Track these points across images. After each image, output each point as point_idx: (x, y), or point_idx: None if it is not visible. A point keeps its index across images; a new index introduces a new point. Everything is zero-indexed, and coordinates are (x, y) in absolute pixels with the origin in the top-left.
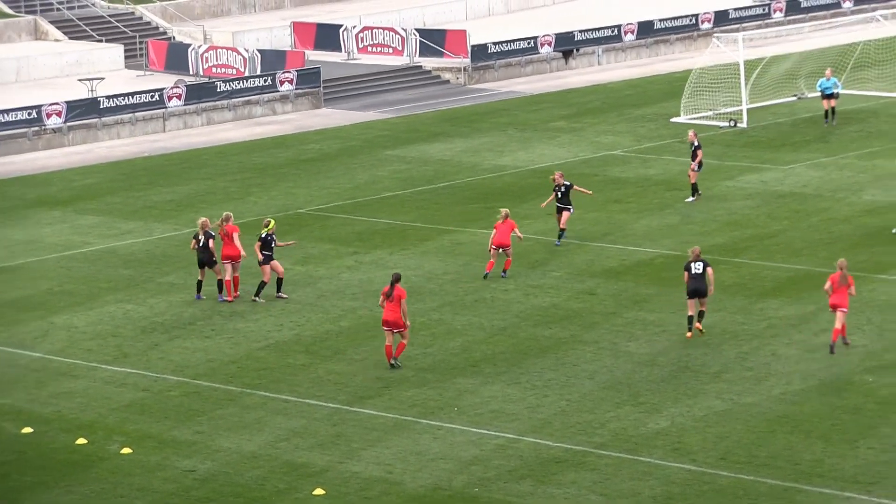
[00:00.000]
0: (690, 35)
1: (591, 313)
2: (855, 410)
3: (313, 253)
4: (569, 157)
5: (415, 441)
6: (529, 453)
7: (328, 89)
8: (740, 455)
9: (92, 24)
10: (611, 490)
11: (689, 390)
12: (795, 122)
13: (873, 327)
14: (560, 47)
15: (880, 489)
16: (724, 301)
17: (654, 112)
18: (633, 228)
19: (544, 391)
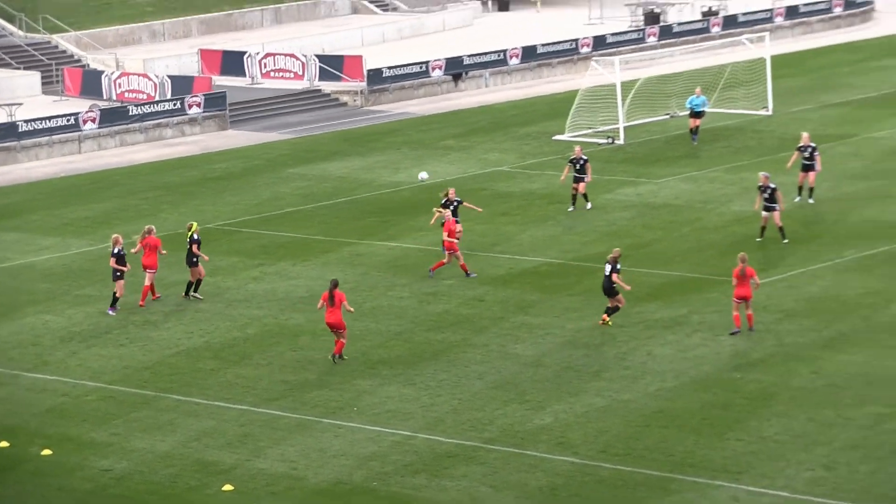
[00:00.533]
0: (571, 59)
1: (480, 318)
2: (724, 405)
3: (221, 265)
4: (459, 174)
5: (317, 439)
6: (424, 449)
7: (233, 112)
8: (619, 448)
9: (10, 52)
10: (499, 482)
11: (572, 388)
12: (668, 139)
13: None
14: (450, 71)
15: (747, 477)
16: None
17: (537, 130)
18: (519, 239)
19: (437, 391)
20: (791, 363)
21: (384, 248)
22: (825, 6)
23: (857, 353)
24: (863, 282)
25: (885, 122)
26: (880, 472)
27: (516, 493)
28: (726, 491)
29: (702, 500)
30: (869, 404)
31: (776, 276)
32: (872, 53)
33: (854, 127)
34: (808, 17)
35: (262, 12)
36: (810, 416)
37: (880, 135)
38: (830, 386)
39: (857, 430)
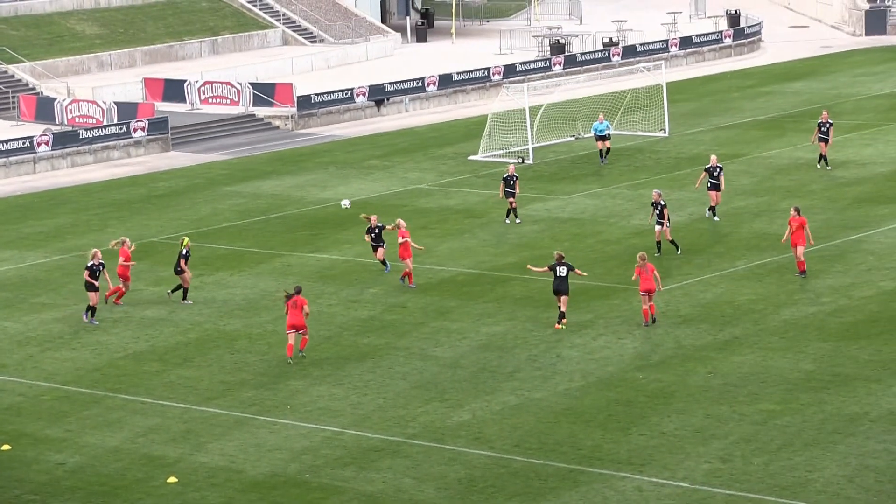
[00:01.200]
0: (484, 85)
1: (402, 324)
2: (627, 403)
3: (164, 276)
4: (382, 191)
5: (254, 435)
6: (352, 444)
7: (175, 135)
8: (532, 442)
9: None
10: (422, 474)
11: (488, 388)
12: (574, 159)
13: (642, 332)
14: (373, 97)
15: (650, 469)
16: (516, 311)
17: (454, 151)
18: (438, 251)
19: (364, 391)
20: (689, 364)
21: (313, 259)
22: (716, 37)
23: (749, 354)
24: (753, 289)
25: (772, 143)
26: (772, 464)
27: (437, 484)
28: (631, 482)
29: (608, 490)
30: (761, 401)
31: (674, 285)
32: (760, 80)
33: (744, 147)
34: (701, 47)
35: (201, 44)
36: (707, 412)
37: (768, 154)
38: (725, 385)
39: (750, 425)
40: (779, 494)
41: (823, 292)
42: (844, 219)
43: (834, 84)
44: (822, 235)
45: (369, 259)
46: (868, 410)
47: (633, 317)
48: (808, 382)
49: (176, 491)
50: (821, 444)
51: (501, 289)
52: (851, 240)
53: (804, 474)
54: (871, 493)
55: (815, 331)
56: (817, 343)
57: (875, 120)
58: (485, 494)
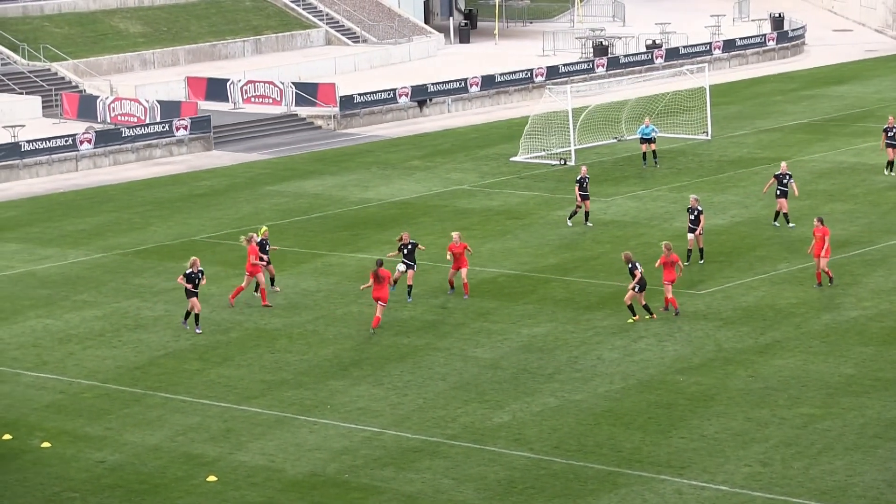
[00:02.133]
0: (526, 87)
1: (443, 324)
2: (668, 405)
3: (206, 274)
4: (423, 192)
5: (294, 434)
6: (391, 444)
7: (217, 134)
8: (571, 444)
9: (13, 78)
10: (461, 475)
11: (528, 389)
12: (616, 161)
13: (683, 335)
14: (415, 98)
15: (689, 472)
16: (556, 313)
17: (495, 152)
18: (479, 252)
19: (404, 391)
20: (729, 367)
21: (354, 260)
22: (760, 40)
23: (789, 358)
24: (795, 293)
25: (814, 147)
26: (812, 468)
27: (476, 485)
28: (670, 485)
29: (648, 493)
30: (801, 405)
31: (715, 288)
32: (803, 83)
33: (786, 151)
34: (744, 50)
35: (244, 43)
36: (747, 415)
37: (810, 158)
38: (766, 388)
39: (790, 428)
40: (819, 499)
41: (865, 296)
42: (886, 223)
43: (878, 88)
44: (864, 240)
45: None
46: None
47: (675, 319)
48: (849, 387)
49: (216, 490)
50: (861, 448)
51: (542, 290)
52: (894, 244)
53: (844, 478)
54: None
55: (857, 335)
56: (858, 347)
57: None
58: (524, 496)
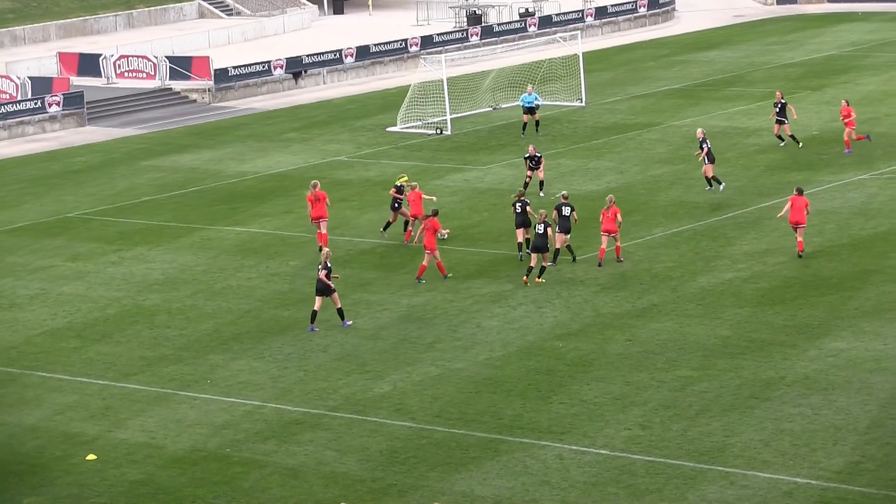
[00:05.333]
0: (401, 57)
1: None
2: (548, 371)
3: (81, 251)
4: (300, 164)
5: (174, 410)
6: (273, 417)
7: (91, 110)
8: (452, 413)
9: None
10: (343, 446)
11: (408, 359)
12: (492, 130)
13: (562, 300)
14: (290, 70)
15: (570, 437)
16: (436, 282)
17: (372, 123)
18: (358, 223)
19: (285, 364)
20: (608, 332)
21: (232, 233)
22: (631, 6)
23: (667, 322)
24: (670, 256)
25: (687, 112)
26: (690, 430)
27: (359, 456)
28: (552, 450)
29: (529, 459)
30: (679, 368)
31: (592, 253)
32: (674, 49)
33: (659, 116)
34: (616, 17)
35: (116, 17)
36: (627, 379)
37: (683, 123)
38: (644, 352)
39: (668, 391)
40: (697, 460)
41: (739, 259)
42: (758, 186)
43: (746, 53)
44: (736, 203)
45: (288, 232)
46: (783, 375)
47: (553, 285)
48: (725, 348)
49: (95, 468)
50: (738, 409)
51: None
52: (765, 206)
53: (722, 439)
54: (787, 457)
55: (732, 297)
56: (734, 309)
57: (787, 88)
58: (407, 465)
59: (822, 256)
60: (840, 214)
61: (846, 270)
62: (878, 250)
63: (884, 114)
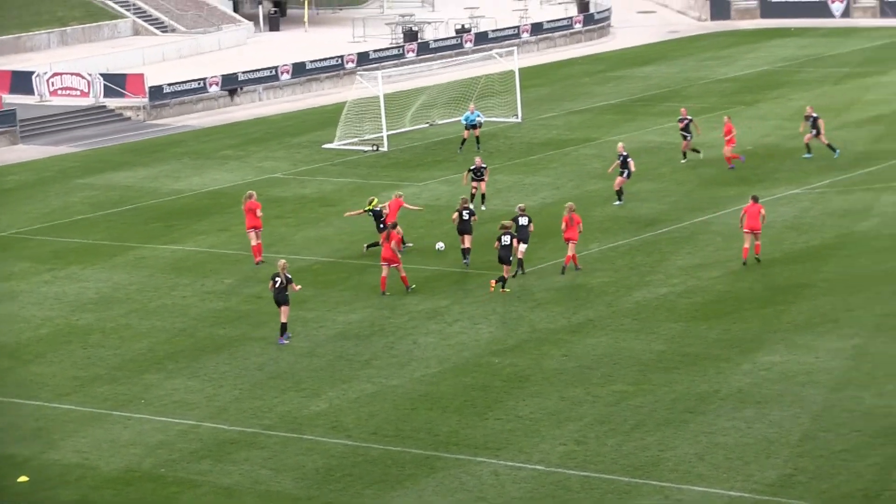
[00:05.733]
0: (338, 73)
1: (258, 314)
2: (483, 387)
3: (14, 270)
4: (237, 181)
5: (108, 430)
6: (208, 436)
7: (24, 128)
8: (388, 430)
9: None
10: (279, 465)
11: (344, 376)
12: (428, 146)
13: (497, 316)
14: (226, 87)
15: (506, 453)
16: (372, 299)
17: (308, 140)
18: (294, 240)
19: (220, 382)
20: (543, 347)
21: (168, 251)
22: (566, 23)
23: (602, 337)
24: (606, 272)
25: (623, 127)
26: (625, 445)
27: (294, 474)
28: (487, 466)
29: (465, 475)
30: (614, 383)
31: (528, 269)
32: (610, 65)
33: (595, 131)
34: (552, 33)
35: (49, 35)
36: (562, 394)
37: (619, 138)
38: (579, 367)
39: (604, 406)
40: (632, 474)
41: (674, 273)
42: (692, 201)
43: (681, 68)
44: (671, 218)
45: (224, 250)
46: (718, 389)
47: (489, 301)
48: (660, 363)
49: (27, 490)
50: (672, 423)
51: (358, 277)
52: (699, 221)
53: (656, 453)
54: (721, 471)
55: (666, 312)
56: (668, 324)
57: (721, 103)
58: (342, 483)
59: (755, 271)
60: (773, 229)
61: (779, 284)
62: (810, 264)
63: None
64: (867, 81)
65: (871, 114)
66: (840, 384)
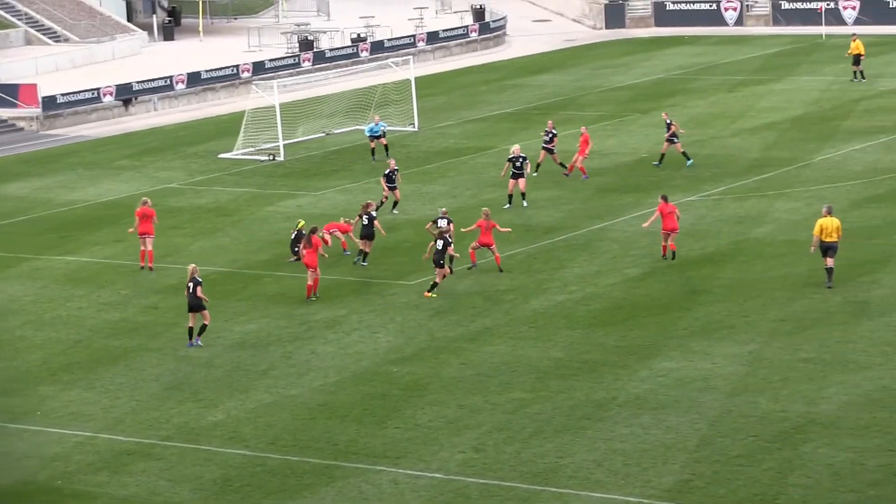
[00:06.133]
0: (233, 83)
1: (155, 325)
2: (382, 396)
3: None
4: (132, 191)
5: (3, 443)
6: (105, 448)
7: None
8: (287, 440)
9: None
10: (176, 476)
11: (242, 386)
12: (325, 155)
13: (396, 325)
14: (120, 97)
15: (405, 461)
16: (270, 309)
17: (204, 150)
18: (190, 250)
19: (116, 394)
20: (442, 355)
21: (62, 263)
22: (463, 32)
23: (500, 345)
24: (503, 280)
25: (519, 135)
26: (524, 452)
27: (192, 485)
28: (387, 475)
29: (364, 484)
30: (512, 390)
31: (426, 278)
32: (506, 74)
33: (492, 140)
34: (448, 42)
35: None
36: (461, 402)
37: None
38: (478, 375)
39: (502, 414)
40: (531, 481)
41: (571, 281)
42: (589, 208)
43: (577, 77)
44: (568, 226)
45: (119, 261)
46: (615, 395)
47: (387, 310)
48: (558, 370)
49: None
50: (571, 430)
51: (254, 287)
52: (596, 229)
53: (555, 460)
54: (619, 477)
55: (564, 319)
56: (566, 331)
57: (616, 111)
58: (241, 494)
59: (651, 277)
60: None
61: (675, 291)
62: (706, 271)
63: (710, 136)
64: (761, 89)
65: (765, 121)
66: (736, 389)
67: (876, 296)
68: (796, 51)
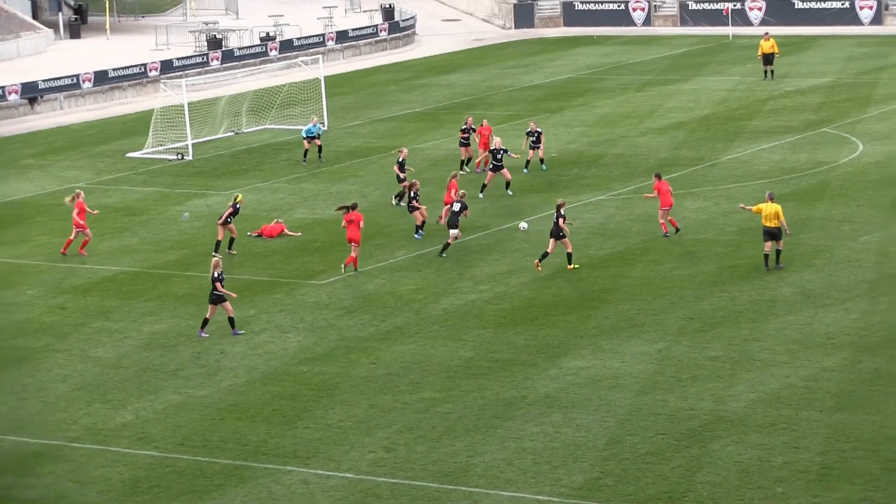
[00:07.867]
0: (141, 82)
1: (62, 325)
2: (292, 396)
3: None
4: (38, 191)
5: None
6: (11, 450)
7: None
8: (196, 440)
9: None
10: (84, 477)
11: (151, 387)
12: (234, 154)
13: (306, 325)
14: (26, 95)
15: (315, 461)
16: (179, 309)
17: (111, 149)
18: (97, 250)
19: (23, 395)
20: (352, 355)
21: None
22: (372, 31)
23: (410, 344)
24: (414, 279)
25: (429, 134)
26: (435, 451)
27: (100, 487)
28: (297, 475)
29: (274, 485)
30: (423, 390)
31: (336, 277)
32: (416, 73)
33: (401, 139)
34: (357, 41)
35: None
36: (371, 402)
37: (425, 146)
38: (388, 374)
39: (412, 413)
40: (441, 480)
41: (482, 280)
42: (499, 208)
43: (486, 76)
44: (479, 225)
45: (26, 260)
46: (525, 394)
47: (297, 310)
48: (468, 369)
49: None
50: (481, 429)
51: (163, 287)
52: (507, 228)
53: (465, 459)
54: (529, 475)
55: (474, 318)
56: (476, 330)
57: (525, 111)
58: (150, 495)
59: (561, 277)
60: (579, 235)
61: (585, 290)
62: (615, 270)
63: (619, 135)
64: (669, 89)
65: (673, 121)
66: (645, 388)
67: (782, 294)
68: (704, 51)
